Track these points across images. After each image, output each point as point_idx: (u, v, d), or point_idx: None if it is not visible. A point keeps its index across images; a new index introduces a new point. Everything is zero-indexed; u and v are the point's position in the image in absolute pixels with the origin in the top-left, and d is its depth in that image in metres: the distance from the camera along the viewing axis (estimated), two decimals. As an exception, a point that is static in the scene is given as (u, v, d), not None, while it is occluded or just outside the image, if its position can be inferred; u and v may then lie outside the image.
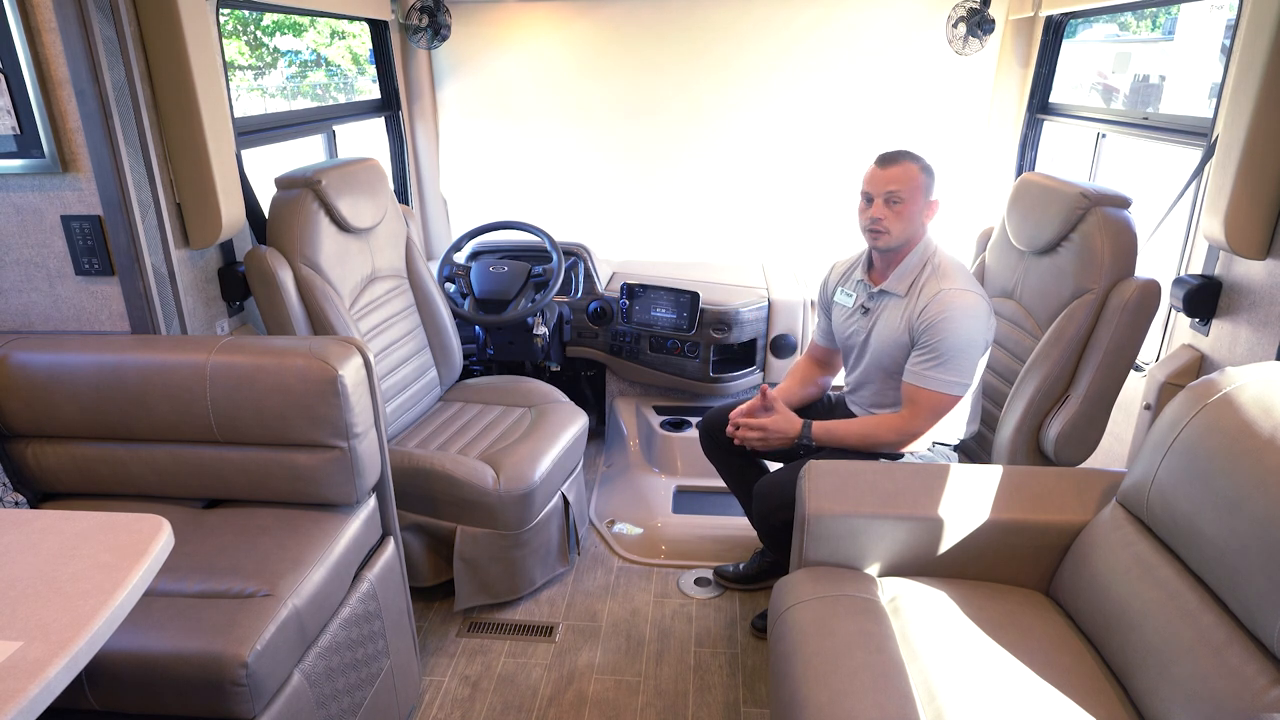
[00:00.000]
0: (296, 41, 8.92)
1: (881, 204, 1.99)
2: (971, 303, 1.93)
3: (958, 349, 1.91)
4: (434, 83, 3.46)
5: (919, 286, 2.00)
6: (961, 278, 1.98)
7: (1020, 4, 2.98)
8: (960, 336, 1.91)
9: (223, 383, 1.70)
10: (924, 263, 2.02)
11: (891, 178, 1.98)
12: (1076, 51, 3.32)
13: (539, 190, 3.61)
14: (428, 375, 2.66)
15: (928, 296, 1.96)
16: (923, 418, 1.95)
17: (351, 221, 2.31)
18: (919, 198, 1.99)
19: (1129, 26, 9.74)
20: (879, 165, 2.01)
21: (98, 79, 1.73)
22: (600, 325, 3.19)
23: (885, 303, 2.08)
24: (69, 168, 1.82)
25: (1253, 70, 1.70)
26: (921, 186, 1.99)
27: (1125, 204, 1.97)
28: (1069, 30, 2.96)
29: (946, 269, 2.00)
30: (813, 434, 2.06)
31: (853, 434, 2.03)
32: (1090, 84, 9.79)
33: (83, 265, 1.90)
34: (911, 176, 1.98)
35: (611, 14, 3.31)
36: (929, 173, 2.01)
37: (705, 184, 3.54)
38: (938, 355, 1.92)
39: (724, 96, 3.39)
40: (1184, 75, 9.03)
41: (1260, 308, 1.82)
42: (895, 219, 1.99)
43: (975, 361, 1.95)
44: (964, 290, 1.94)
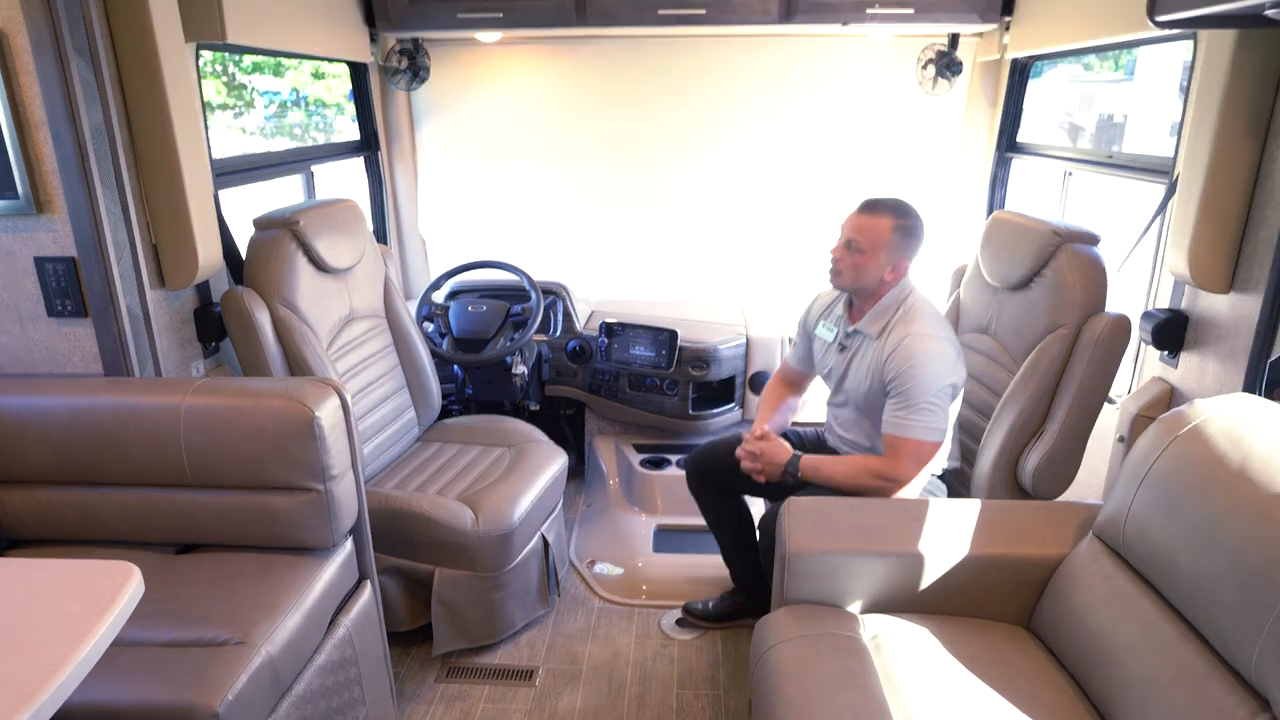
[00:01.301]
0: (276, 81, 8.96)
1: (843, 245, 2.01)
2: (937, 348, 1.92)
3: (928, 395, 1.90)
4: (413, 123, 3.49)
5: (889, 330, 2.00)
6: (929, 322, 1.97)
7: (987, 47, 3.07)
8: (928, 383, 1.90)
9: (197, 425, 1.68)
10: (898, 306, 2.02)
11: (858, 226, 1.99)
12: (1044, 90, 3.44)
13: (517, 229, 3.62)
14: (406, 415, 2.64)
15: (895, 342, 1.96)
16: (905, 465, 1.93)
17: (330, 262, 2.31)
18: (880, 254, 1.97)
19: (1092, 67, 10.02)
20: (857, 209, 2.02)
21: (75, 121, 1.73)
22: (579, 364, 3.19)
23: (860, 343, 2.08)
24: (44, 209, 1.81)
25: (1209, 111, 1.76)
26: (887, 244, 1.97)
27: (1094, 241, 2.01)
28: (1034, 71, 3.05)
29: (916, 314, 1.99)
30: (800, 467, 2.05)
31: (839, 474, 2.01)
32: (1057, 122, 10.04)
33: (55, 307, 1.88)
34: (877, 231, 1.97)
35: (588, 56, 3.36)
36: (905, 233, 1.98)
37: (683, 223, 3.58)
38: (909, 402, 1.91)
39: (700, 136, 3.44)
40: (1144, 114, 9.30)
41: (1226, 340, 1.86)
42: (850, 265, 2.00)
43: (947, 405, 1.95)
44: (929, 335, 1.93)
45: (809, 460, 2.05)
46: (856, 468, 2.00)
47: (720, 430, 3.19)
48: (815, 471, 2.04)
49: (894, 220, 1.98)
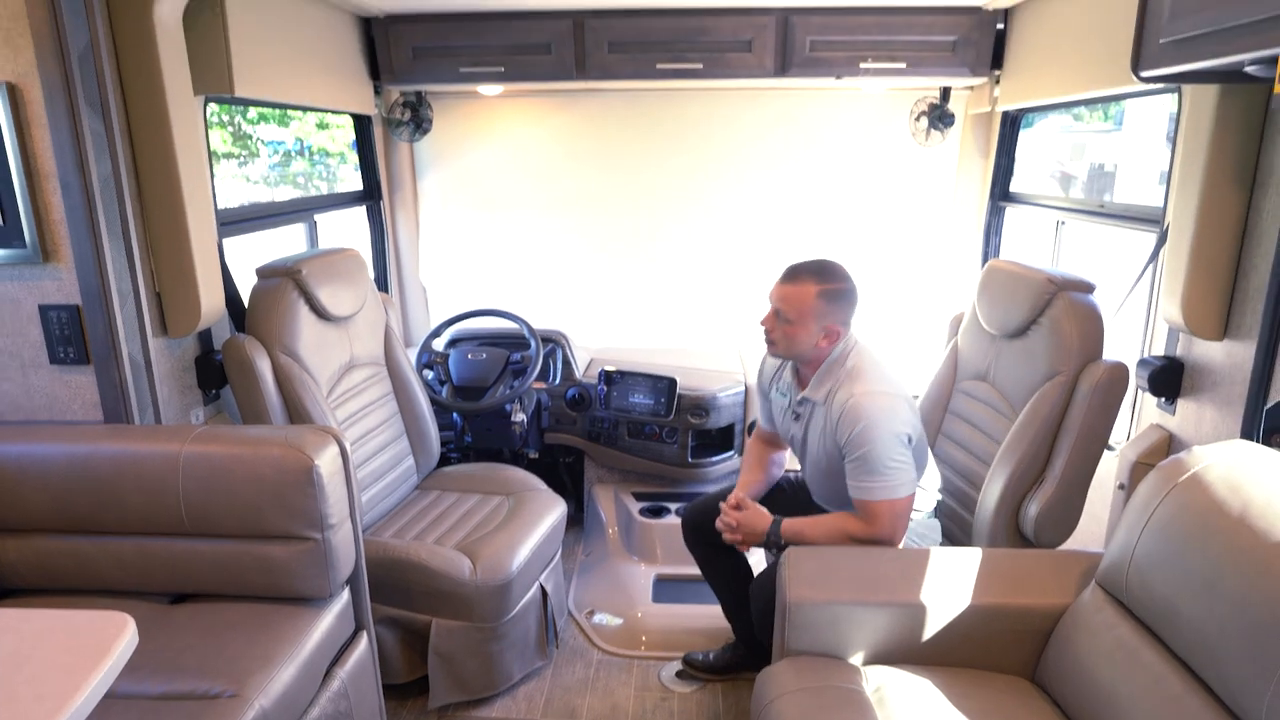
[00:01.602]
0: (280, 131, 9.11)
1: (772, 315, 1.98)
2: (880, 404, 1.87)
3: (885, 456, 1.85)
4: (415, 173, 3.54)
5: (834, 394, 1.95)
6: (871, 379, 1.92)
7: (978, 99, 3.13)
8: (881, 443, 1.85)
9: (196, 473, 1.68)
10: (839, 367, 1.98)
11: (782, 295, 1.95)
12: (1036, 140, 3.53)
13: (518, 278, 3.66)
14: (404, 463, 2.63)
15: (839, 406, 1.91)
16: (882, 525, 1.88)
17: (331, 310, 2.33)
18: (809, 322, 1.93)
19: (1082, 117, 10.23)
20: (780, 279, 1.98)
21: (84, 172, 1.76)
22: (578, 412, 3.19)
23: (811, 410, 2.04)
24: (50, 258, 1.83)
25: (1196, 162, 1.79)
26: (813, 311, 1.92)
27: (1090, 289, 2.03)
28: (1026, 121, 3.11)
29: (858, 373, 1.94)
30: (781, 532, 2.00)
31: (820, 539, 1.96)
32: (1050, 172, 10.21)
33: (58, 354, 1.89)
34: (801, 299, 1.92)
35: (588, 108, 3.43)
36: (831, 298, 1.93)
37: (681, 271, 3.62)
38: (868, 466, 1.86)
39: (697, 186, 3.50)
40: (1133, 163, 9.48)
41: (1222, 387, 1.87)
42: (781, 335, 1.97)
43: (908, 455, 1.89)
44: (871, 393, 1.88)
45: (790, 525, 2.00)
46: (836, 531, 1.95)
47: (720, 479, 3.17)
48: (797, 535, 1.98)
49: (818, 286, 1.92)
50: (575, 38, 2.88)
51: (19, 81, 1.72)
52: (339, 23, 2.78)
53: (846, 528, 1.93)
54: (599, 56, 2.90)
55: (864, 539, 1.90)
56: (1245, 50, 1.22)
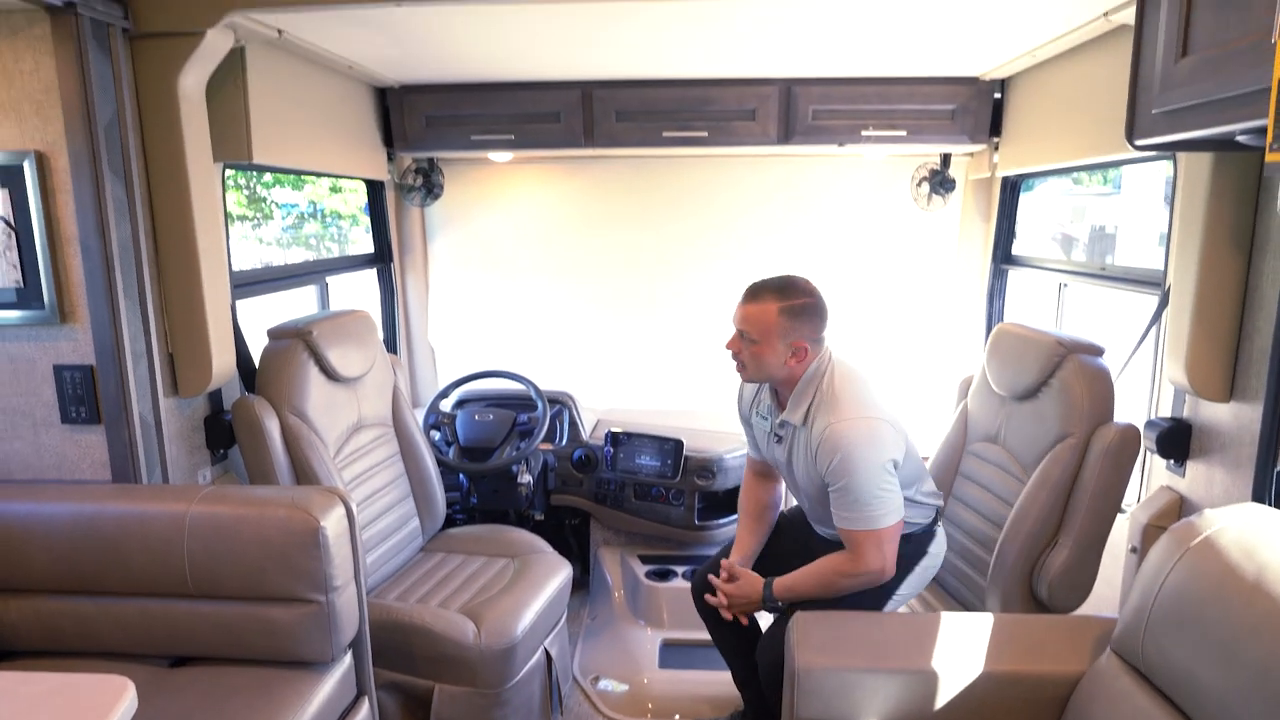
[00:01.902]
0: (294, 194, 9.29)
1: (736, 337, 1.93)
2: (860, 431, 1.81)
3: (869, 485, 1.81)
4: (425, 236, 3.61)
5: (812, 418, 1.90)
6: (849, 404, 1.85)
7: (978, 165, 3.20)
8: (863, 472, 1.80)
9: (202, 533, 1.67)
10: (814, 390, 1.91)
11: (744, 316, 1.90)
12: (1037, 203, 3.59)
13: (525, 339, 3.69)
14: (410, 525, 2.62)
15: (818, 435, 1.86)
16: (870, 556, 1.85)
17: (340, 371, 2.35)
18: (774, 341, 1.87)
19: (1081, 181, 10.40)
20: (741, 299, 1.93)
21: (104, 236, 1.80)
22: (585, 473, 3.18)
23: (791, 433, 1.98)
24: (67, 319, 1.87)
25: (1193, 227, 1.82)
26: (777, 329, 1.86)
27: (1099, 352, 2.04)
28: (1026, 185, 3.17)
29: (835, 398, 1.87)
30: (775, 594, 1.97)
31: (812, 589, 1.93)
32: (1051, 234, 10.34)
33: (70, 414, 1.91)
34: (763, 318, 1.87)
35: (596, 173, 3.51)
36: (794, 314, 1.87)
37: (687, 332, 3.64)
38: (852, 497, 1.82)
39: (702, 249, 3.55)
40: (1132, 225, 9.61)
41: (1231, 449, 1.86)
42: (749, 357, 1.91)
43: (893, 482, 1.85)
44: (851, 420, 1.82)
45: (781, 584, 1.97)
46: (826, 575, 1.91)
47: (726, 541, 3.13)
48: (791, 592, 1.95)
49: (779, 303, 1.87)
50: (584, 107, 2.97)
51: (47, 150, 1.78)
52: (355, 92, 2.88)
53: (835, 569, 1.89)
54: (607, 125, 2.98)
55: (853, 574, 1.86)
56: (1235, 121, 1.26)
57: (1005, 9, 2.02)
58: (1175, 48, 1.40)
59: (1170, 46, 1.41)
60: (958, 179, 3.26)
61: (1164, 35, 1.44)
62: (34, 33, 1.75)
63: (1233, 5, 1.26)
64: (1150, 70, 1.49)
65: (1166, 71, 1.43)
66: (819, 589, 1.92)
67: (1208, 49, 1.32)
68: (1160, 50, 1.45)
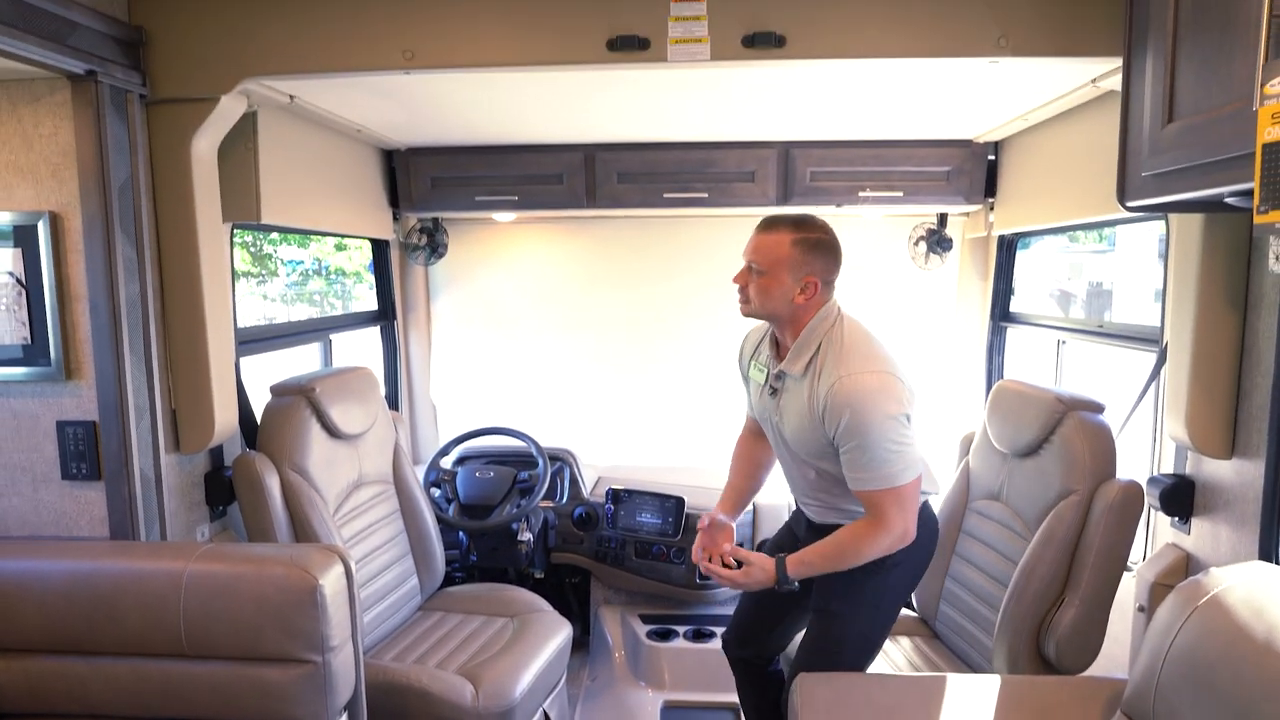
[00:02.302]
0: (299, 251, 9.41)
1: (745, 270, 1.87)
2: (872, 385, 1.74)
3: (884, 441, 1.73)
4: (429, 294, 3.65)
5: (815, 370, 1.82)
6: (859, 358, 1.79)
7: (974, 225, 3.25)
8: (876, 428, 1.72)
9: (199, 592, 1.66)
10: (818, 341, 1.84)
11: (756, 246, 1.84)
12: (1034, 260, 3.64)
13: (526, 396, 3.70)
14: (408, 583, 2.59)
15: (825, 388, 1.77)
16: (891, 516, 1.77)
17: (342, 428, 2.35)
18: (783, 274, 1.81)
19: (1077, 238, 10.53)
20: (755, 230, 1.87)
21: (113, 294, 1.83)
22: (585, 531, 3.15)
23: (786, 384, 1.90)
24: (72, 375, 1.88)
25: (1188, 285, 1.85)
26: (788, 261, 1.81)
27: (1099, 408, 2.05)
28: (1023, 243, 3.21)
29: (844, 351, 1.80)
30: (789, 572, 1.85)
31: (829, 558, 1.83)
32: (1049, 290, 10.43)
33: (70, 470, 1.91)
34: (776, 248, 1.81)
35: (597, 233, 3.56)
36: (807, 247, 1.82)
37: (687, 390, 3.65)
38: (867, 455, 1.74)
39: (703, 306, 3.58)
40: (1127, 281, 9.70)
41: (1235, 506, 1.85)
42: (755, 290, 1.85)
43: (908, 437, 1.77)
44: (862, 373, 1.75)
45: (795, 560, 1.85)
46: (843, 545, 1.82)
47: (728, 601, 3.10)
48: (806, 567, 1.84)
49: (793, 234, 1.82)
50: (586, 169, 3.03)
51: (61, 210, 1.82)
52: (363, 154, 2.94)
53: (854, 536, 1.82)
54: (609, 187, 3.03)
55: (874, 540, 1.79)
56: (1222, 184, 1.29)
57: (996, 78, 2.09)
58: (1161, 114, 1.44)
59: (1156, 112, 1.46)
60: (955, 238, 3.30)
61: (1150, 102, 1.48)
62: (55, 99, 1.80)
63: (1214, 74, 1.30)
64: (1138, 135, 1.54)
65: (1154, 136, 1.47)
66: (836, 560, 1.83)
67: (1192, 115, 1.36)
68: (1147, 116, 1.49)
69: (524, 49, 1.88)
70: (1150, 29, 1.48)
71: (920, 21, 1.83)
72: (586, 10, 1.85)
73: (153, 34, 1.91)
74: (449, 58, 1.89)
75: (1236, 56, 1.24)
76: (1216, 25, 1.30)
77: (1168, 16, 1.42)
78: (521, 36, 1.87)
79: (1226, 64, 1.27)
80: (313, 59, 1.91)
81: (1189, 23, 1.38)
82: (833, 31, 1.84)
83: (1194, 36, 1.37)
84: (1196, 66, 1.36)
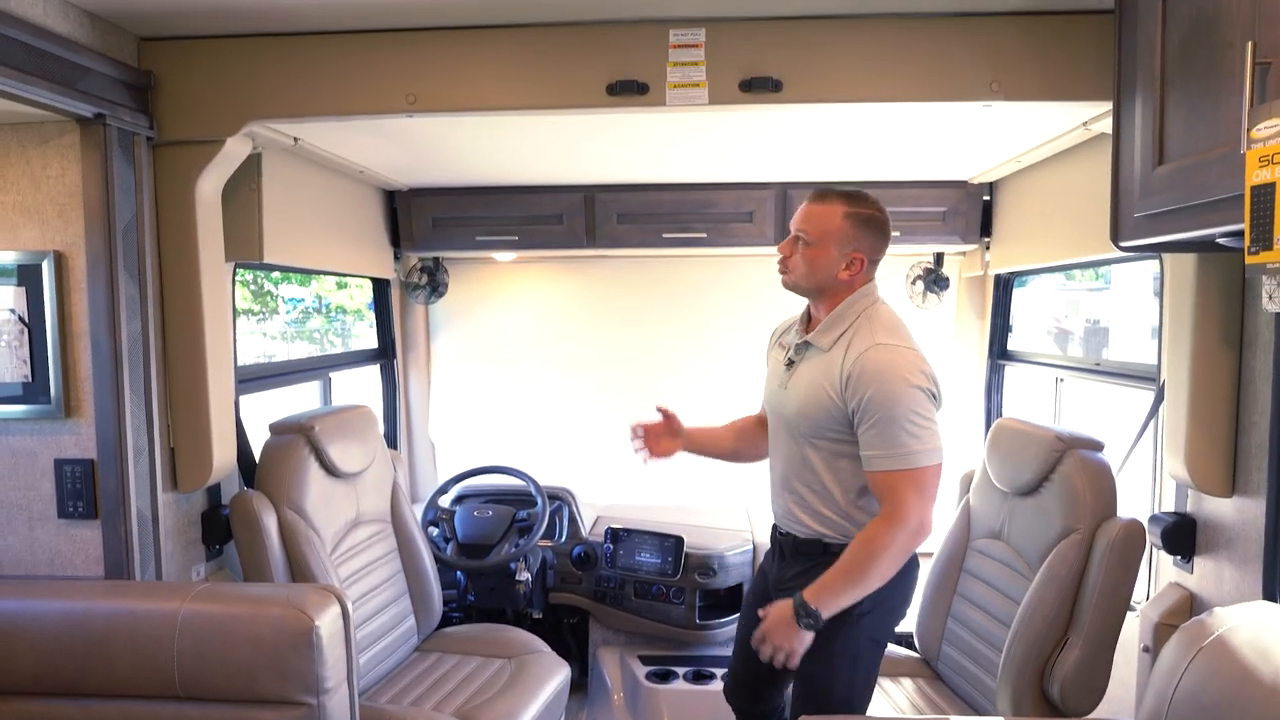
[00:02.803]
0: (300, 289, 9.46)
1: (791, 241, 1.84)
2: (905, 358, 1.69)
3: (909, 411, 1.66)
4: (429, 333, 3.66)
5: (846, 342, 1.76)
6: (895, 332, 1.74)
7: (971, 264, 3.28)
8: (903, 399, 1.65)
9: (193, 632, 1.64)
10: (854, 317, 1.79)
11: (806, 215, 1.80)
12: (1031, 297, 3.66)
13: (525, 435, 3.69)
14: (405, 624, 2.56)
15: (853, 356, 1.70)
16: (908, 502, 1.65)
17: (341, 467, 2.35)
18: (830, 245, 1.77)
19: (1074, 276, 10.60)
20: (806, 200, 1.84)
21: (114, 332, 1.84)
22: (584, 570, 3.12)
23: (807, 355, 1.84)
24: (72, 413, 1.88)
25: (1183, 324, 1.86)
26: (837, 233, 1.77)
27: (1098, 446, 2.05)
28: (1019, 281, 3.24)
29: (879, 324, 1.75)
30: (810, 604, 1.69)
31: (848, 578, 1.68)
32: (1046, 328, 10.48)
33: (67, 508, 1.90)
34: (827, 219, 1.78)
35: (597, 272, 3.59)
36: (860, 222, 1.78)
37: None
38: (889, 429, 1.65)
39: (702, 347, 3.59)
40: (1124, 319, 9.77)
41: (1237, 545, 1.84)
42: (799, 260, 1.80)
43: (933, 415, 1.70)
44: (894, 346, 1.70)
45: (811, 592, 1.71)
46: (858, 556, 1.68)
47: (728, 641, 3.06)
48: (827, 594, 1.70)
49: (846, 207, 1.78)
50: (586, 209, 3.07)
51: (66, 250, 1.84)
52: (365, 195, 2.98)
53: (867, 540, 1.69)
54: (609, 227, 3.07)
55: (889, 537, 1.66)
56: (1213, 225, 1.31)
57: (990, 121, 2.12)
58: (1152, 156, 1.47)
59: (1147, 155, 1.48)
60: (951, 277, 3.33)
61: (1140, 144, 1.51)
62: (64, 141, 1.83)
63: (1202, 119, 1.33)
64: (1130, 176, 1.56)
65: (1145, 178, 1.49)
66: (854, 570, 1.70)
67: (1182, 158, 1.39)
68: (1138, 158, 1.52)
69: (526, 93, 1.91)
70: (1139, 74, 1.52)
71: (914, 67, 1.87)
72: (587, 56, 1.89)
73: (161, 78, 1.95)
74: (452, 102, 1.93)
75: (1222, 101, 1.26)
76: (1202, 71, 1.33)
77: (1155, 62, 1.45)
78: (523, 81, 1.91)
79: (1213, 108, 1.29)
80: (317, 103, 1.95)
81: (1176, 68, 1.41)
82: (828, 76, 1.88)
83: (1181, 81, 1.40)
84: (1184, 111, 1.39)
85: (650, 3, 1.80)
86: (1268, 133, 1.10)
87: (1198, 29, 1.35)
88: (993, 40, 1.84)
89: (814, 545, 1.86)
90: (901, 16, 1.85)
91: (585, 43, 1.89)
